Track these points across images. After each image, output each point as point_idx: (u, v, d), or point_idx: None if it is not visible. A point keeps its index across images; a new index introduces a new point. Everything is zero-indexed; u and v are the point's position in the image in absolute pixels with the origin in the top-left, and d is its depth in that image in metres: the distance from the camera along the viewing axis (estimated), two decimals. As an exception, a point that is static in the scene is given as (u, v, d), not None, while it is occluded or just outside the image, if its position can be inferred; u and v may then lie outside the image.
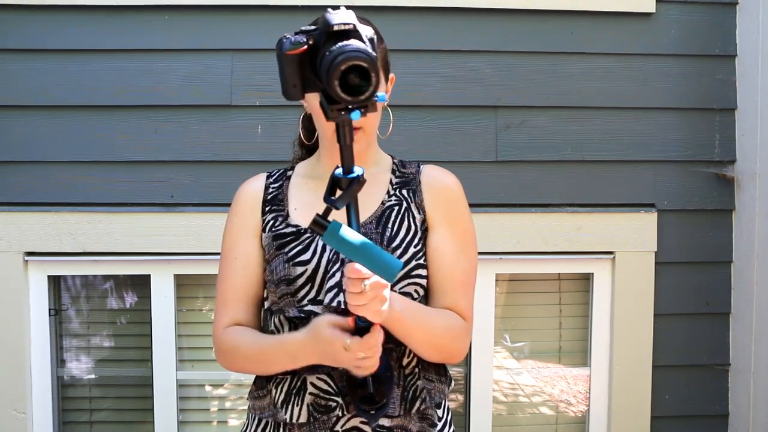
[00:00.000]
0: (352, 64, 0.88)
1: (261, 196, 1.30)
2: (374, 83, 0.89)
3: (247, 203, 1.30)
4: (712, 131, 2.39)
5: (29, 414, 2.30)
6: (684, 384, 2.42)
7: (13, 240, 2.26)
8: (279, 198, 1.29)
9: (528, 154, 2.34)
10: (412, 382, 1.22)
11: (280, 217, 1.27)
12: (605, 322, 2.42)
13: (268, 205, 1.28)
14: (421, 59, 2.31)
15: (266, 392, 1.25)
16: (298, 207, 1.27)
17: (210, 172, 2.29)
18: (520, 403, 2.53)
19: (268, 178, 1.32)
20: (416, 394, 1.22)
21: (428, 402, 1.22)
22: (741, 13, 2.36)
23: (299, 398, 1.20)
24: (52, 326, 2.35)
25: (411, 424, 1.20)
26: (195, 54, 2.28)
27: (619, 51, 2.35)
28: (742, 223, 2.37)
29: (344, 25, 0.93)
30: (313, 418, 1.19)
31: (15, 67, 2.26)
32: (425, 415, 1.22)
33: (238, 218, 1.29)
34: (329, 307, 1.17)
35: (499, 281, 2.43)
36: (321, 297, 1.18)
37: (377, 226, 1.22)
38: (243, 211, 1.30)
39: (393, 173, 1.30)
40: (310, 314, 1.18)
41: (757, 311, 2.31)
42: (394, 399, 1.19)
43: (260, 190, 1.30)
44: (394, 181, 1.29)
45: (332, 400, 1.18)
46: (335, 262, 1.18)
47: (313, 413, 1.19)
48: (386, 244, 1.20)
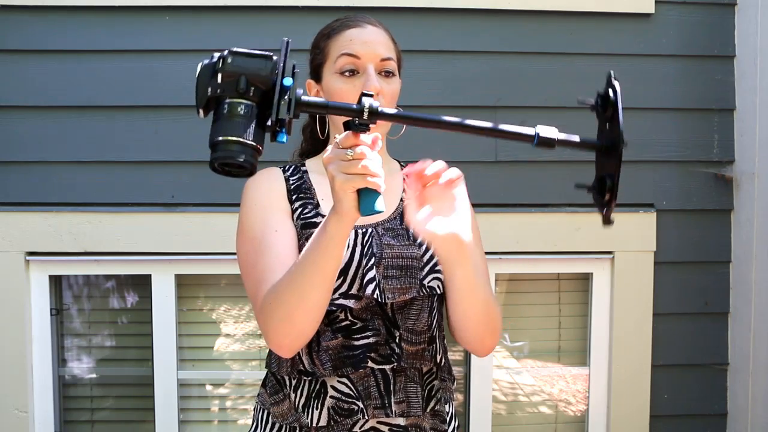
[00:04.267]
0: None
1: (284, 185, 1.25)
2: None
3: (273, 188, 1.24)
4: (711, 131, 2.40)
5: (30, 413, 2.30)
6: (683, 383, 2.43)
7: (15, 240, 2.27)
8: (304, 187, 1.26)
9: (528, 154, 2.34)
10: (429, 382, 1.24)
11: (309, 205, 1.23)
12: (604, 321, 2.43)
13: (294, 193, 1.24)
14: (421, 59, 2.31)
15: (284, 396, 1.23)
16: (325, 198, 1.23)
17: (210, 173, 2.27)
18: (520, 403, 2.54)
19: (284, 172, 1.29)
20: (431, 393, 1.23)
21: (442, 401, 1.25)
22: (739, 14, 2.37)
23: (319, 401, 1.19)
24: (54, 326, 2.36)
25: (425, 422, 1.22)
26: (195, 54, 2.25)
27: (619, 51, 2.36)
28: (741, 223, 2.38)
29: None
30: (333, 421, 1.18)
31: (16, 67, 2.26)
32: (438, 412, 1.24)
33: (266, 198, 1.22)
34: (369, 298, 1.16)
35: (498, 281, 2.44)
36: (354, 291, 1.17)
37: (401, 222, 1.23)
38: (269, 192, 1.23)
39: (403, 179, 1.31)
40: (340, 308, 1.17)
41: (756, 311, 2.31)
42: (417, 397, 1.20)
43: (281, 180, 1.26)
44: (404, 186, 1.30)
45: (354, 404, 1.18)
46: (370, 256, 1.18)
47: (334, 416, 1.18)
48: (412, 240, 1.21)
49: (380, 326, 1.18)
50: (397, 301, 1.18)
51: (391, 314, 1.19)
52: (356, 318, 1.18)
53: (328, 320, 1.17)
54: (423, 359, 1.22)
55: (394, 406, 1.19)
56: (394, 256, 1.19)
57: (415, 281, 1.19)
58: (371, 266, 1.17)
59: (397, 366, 1.19)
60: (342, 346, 1.18)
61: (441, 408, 1.24)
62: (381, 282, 1.16)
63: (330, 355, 1.18)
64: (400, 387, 1.20)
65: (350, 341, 1.18)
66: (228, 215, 1.28)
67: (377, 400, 1.18)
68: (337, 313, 1.17)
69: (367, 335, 1.18)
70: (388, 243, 1.20)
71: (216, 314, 2.46)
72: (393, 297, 1.17)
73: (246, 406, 2.45)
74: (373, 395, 1.18)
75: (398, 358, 1.18)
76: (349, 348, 1.18)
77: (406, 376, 1.20)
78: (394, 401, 1.19)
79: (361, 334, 1.18)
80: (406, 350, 1.19)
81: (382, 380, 1.19)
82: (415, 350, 1.20)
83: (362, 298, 1.16)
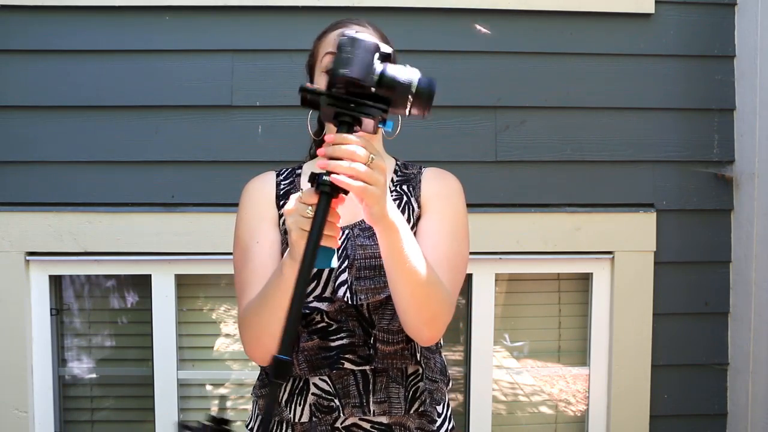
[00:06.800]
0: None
1: (274, 191, 1.29)
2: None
3: (263, 195, 1.29)
4: (711, 131, 2.40)
5: (31, 413, 2.30)
6: (683, 383, 2.43)
7: (15, 240, 2.27)
8: (292, 193, 1.28)
9: (527, 154, 2.35)
10: (414, 383, 1.24)
11: None
12: (604, 321, 2.43)
13: (282, 199, 1.28)
14: (421, 60, 2.29)
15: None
16: None
17: (211, 172, 2.30)
18: (520, 403, 2.54)
19: (277, 176, 1.32)
20: (416, 395, 1.24)
21: (428, 403, 1.24)
22: (739, 14, 2.37)
23: (302, 398, 1.23)
24: (54, 326, 2.36)
25: (410, 422, 1.23)
26: (196, 54, 2.29)
27: (619, 51, 2.36)
28: (741, 223, 2.38)
29: None
30: (315, 417, 1.22)
31: (17, 67, 2.26)
32: (425, 412, 1.24)
33: (255, 208, 1.27)
34: (341, 301, 1.18)
35: (498, 281, 2.44)
36: (327, 294, 1.19)
37: None
38: (258, 201, 1.28)
39: (395, 173, 1.32)
40: (314, 311, 1.20)
41: (756, 311, 2.31)
42: (399, 398, 1.21)
43: (272, 186, 1.30)
44: (395, 180, 1.30)
45: (333, 402, 1.21)
46: (343, 258, 1.20)
47: (315, 413, 1.22)
48: None
49: (355, 327, 1.20)
50: (372, 301, 1.19)
51: (368, 315, 1.20)
52: (331, 320, 1.20)
53: (305, 322, 1.20)
54: (403, 358, 1.22)
55: (373, 406, 1.21)
56: (366, 257, 1.19)
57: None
58: (344, 269, 1.19)
59: (374, 366, 1.20)
60: (319, 348, 1.21)
61: (428, 409, 1.24)
62: (353, 283, 1.18)
63: (306, 356, 1.21)
64: (381, 387, 1.21)
65: (326, 342, 1.20)
66: (228, 215, 1.28)
67: (355, 399, 1.20)
68: (312, 315, 1.20)
69: (342, 336, 1.20)
70: (361, 244, 1.21)
71: (216, 314, 2.46)
72: (367, 298, 1.18)
73: (246, 406, 2.45)
74: (352, 394, 1.21)
75: (371, 358, 1.20)
76: (326, 349, 1.20)
77: (388, 376, 1.21)
78: (374, 401, 1.21)
79: (337, 336, 1.20)
80: (381, 350, 1.20)
81: (362, 380, 1.21)
82: (393, 350, 1.21)
83: (335, 300, 1.18)
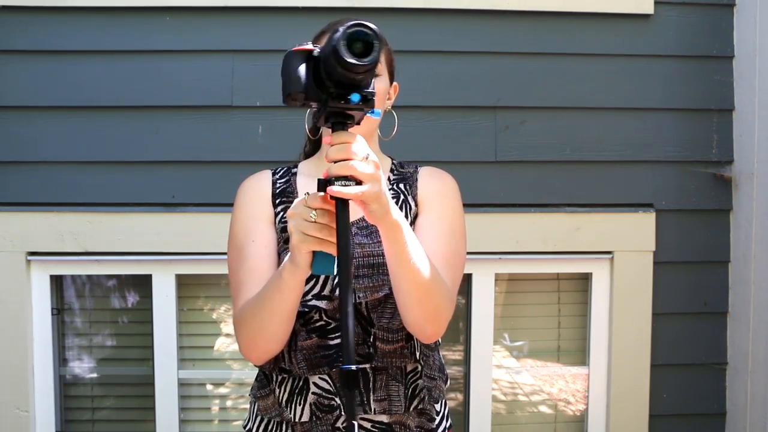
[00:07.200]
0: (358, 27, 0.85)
1: (270, 189, 1.29)
2: (378, 48, 0.86)
3: (258, 193, 1.28)
4: (710, 132, 2.40)
5: (32, 412, 2.31)
6: (682, 383, 2.44)
7: (16, 240, 2.27)
8: (288, 191, 1.29)
9: (527, 154, 2.35)
10: (413, 381, 1.24)
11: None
12: (604, 321, 2.43)
13: (278, 197, 1.28)
14: (421, 60, 2.32)
15: (269, 391, 1.26)
16: None
17: (211, 172, 2.30)
18: (520, 402, 2.55)
19: (273, 175, 1.32)
20: (415, 392, 1.24)
21: (427, 400, 1.25)
22: (738, 15, 2.37)
23: (302, 398, 1.22)
24: (55, 325, 2.36)
25: (409, 420, 1.24)
26: (196, 55, 2.29)
27: (618, 52, 2.36)
28: (740, 223, 2.39)
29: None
30: (315, 417, 1.22)
31: (17, 67, 2.27)
32: (424, 411, 1.25)
33: (251, 206, 1.27)
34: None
35: (498, 281, 2.44)
36: (326, 292, 1.19)
37: None
38: (254, 200, 1.27)
39: (391, 172, 1.32)
40: (313, 309, 1.20)
41: (755, 310, 2.32)
42: (398, 396, 1.22)
43: (268, 184, 1.30)
44: (391, 178, 1.31)
45: (333, 400, 1.21)
46: None
47: (316, 412, 1.21)
48: None
49: (355, 326, 1.18)
50: (371, 299, 1.19)
51: (367, 313, 1.20)
52: (330, 318, 1.20)
53: (303, 320, 1.20)
54: (403, 357, 1.22)
55: (374, 404, 1.21)
56: (364, 255, 1.20)
57: (386, 278, 1.18)
58: None
59: (374, 365, 1.20)
60: (317, 346, 1.20)
61: (427, 407, 1.25)
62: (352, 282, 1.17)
63: (304, 355, 1.21)
64: (381, 385, 1.22)
65: (325, 341, 1.20)
66: (228, 215, 1.28)
67: (356, 398, 1.20)
68: (311, 314, 1.20)
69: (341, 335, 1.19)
70: (359, 242, 1.21)
71: (216, 314, 2.47)
72: (365, 296, 1.19)
73: (246, 406, 2.45)
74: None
75: (370, 356, 1.20)
76: (324, 348, 1.20)
77: (388, 374, 1.22)
78: (374, 399, 1.21)
79: (335, 334, 1.20)
80: (381, 349, 1.20)
81: (362, 378, 1.21)
82: (393, 348, 1.21)
83: (334, 299, 1.18)
